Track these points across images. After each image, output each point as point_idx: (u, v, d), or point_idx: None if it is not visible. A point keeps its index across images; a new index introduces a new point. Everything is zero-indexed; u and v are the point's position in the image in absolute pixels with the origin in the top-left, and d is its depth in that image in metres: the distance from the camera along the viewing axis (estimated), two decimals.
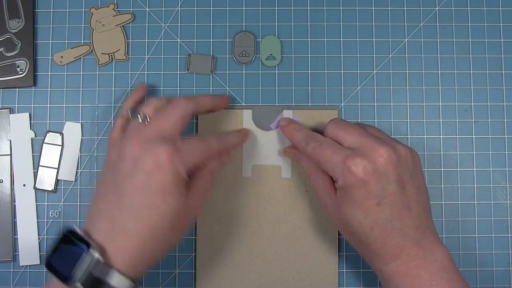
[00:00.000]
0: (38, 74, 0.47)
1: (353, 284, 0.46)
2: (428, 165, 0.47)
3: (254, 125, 0.46)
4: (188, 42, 0.48)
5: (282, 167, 0.46)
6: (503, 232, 0.46)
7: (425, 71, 0.47)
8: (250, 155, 0.46)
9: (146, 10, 0.48)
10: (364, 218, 0.37)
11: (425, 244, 0.37)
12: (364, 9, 0.48)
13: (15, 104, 0.47)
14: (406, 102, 0.47)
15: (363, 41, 0.48)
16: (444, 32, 0.48)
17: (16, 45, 0.47)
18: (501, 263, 0.46)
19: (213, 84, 0.47)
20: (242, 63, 0.47)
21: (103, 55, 0.47)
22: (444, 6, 0.48)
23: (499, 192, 0.47)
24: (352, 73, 0.47)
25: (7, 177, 0.47)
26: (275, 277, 0.46)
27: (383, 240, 0.37)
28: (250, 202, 0.46)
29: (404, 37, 0.48)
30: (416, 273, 0.37)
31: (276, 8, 0.48)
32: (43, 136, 0.47)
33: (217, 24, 0.48)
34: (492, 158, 0.47)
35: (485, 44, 0.48)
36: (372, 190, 0.36)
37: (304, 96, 0.47)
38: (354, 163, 0.37)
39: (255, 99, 0.47)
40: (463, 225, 0.46)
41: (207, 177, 0.41)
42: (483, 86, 0.47)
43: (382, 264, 0.38)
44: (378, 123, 0.47)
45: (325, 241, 0.46)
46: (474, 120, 0.47)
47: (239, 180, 0.46)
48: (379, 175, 0.37)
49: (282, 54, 0.47)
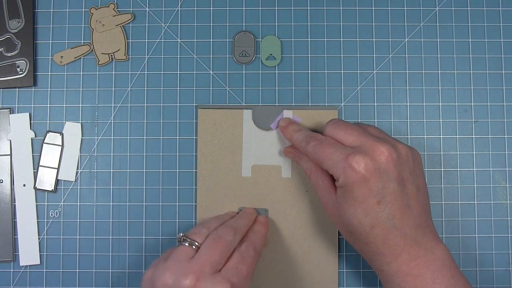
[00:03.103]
0: (38, 74, 0.47)
1: (353, 284, 0.46)
2: (428, 165, 0.47)
3: (254, 125, 0.46)
4: (188, 42, 0.48)
5: (282, 167, 0.46)
6: (503, 232, 0.46)
7: (425, 71, 0.47)
8: (250, 155, 0.46)
9: (146, 10, 0.48)
10: (364, 217, 0.37)
11: (425, 242, 0.37)
12: (364, 9, 0.48)
13: (15, 104, 0.47)
14: (406, 102, 0.47)
15: (363, 41, 0.48)
16: (444, 32, 0.48)
17: (16, 45, 0.47)
18: (501, 263, 0.46)
19: (213, 84, 0.47)
20: (242, 63, 0.47)
21: (103, 55, 0.47)
22: (444, 6, 0.48)
23: (499, 192, 0.47)
24: (352, 73, 0.47)
25: (7, 177, 0.47)
26: (275, 277, 0.46)
27: (384, 239, 0.37)
28: (250, 202, 0.46)
29: (404, 37, 0.48)
30: (418, 272, 0.37)
31: (276, 8, 0.48)
32: (43, 136, 0.47)
33: (217, 24, 0.48)
34: (492, 158, 0.47)
35: (485, 44, 0.48)
36: (373, 188, 0.36)
37: (304, 96, 0.47)
38: (356, 160, 0.37)
39: (255, 99, 0.47)
40: (463, 225, 0.46)
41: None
42: (483, 86, 0.47)
43: (383, 264, 0.38)
44: (378, 123, 0.47)
45: (325, 241, 0.46)
46: (474, 120, 0.47)
47: (239, 180, 0.46)
48: (380, 173, 0.37)
49: (282, 54, 0.47)
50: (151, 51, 0.48)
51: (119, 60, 0.47)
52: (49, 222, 0.47)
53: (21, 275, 0.46)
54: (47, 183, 0.47)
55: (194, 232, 0.39)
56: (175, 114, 0.47)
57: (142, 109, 0.47)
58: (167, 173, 0.47)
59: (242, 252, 0.39)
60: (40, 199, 0.47)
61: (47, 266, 0.46)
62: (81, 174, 0.47)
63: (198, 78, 0.47)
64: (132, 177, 0.47)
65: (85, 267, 0.46)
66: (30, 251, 0.46)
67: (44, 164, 0.47)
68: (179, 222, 0.46)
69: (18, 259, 0.46)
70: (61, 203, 0.47)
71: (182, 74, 0.47)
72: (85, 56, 0.48)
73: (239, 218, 0.43)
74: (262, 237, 0.43)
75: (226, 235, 0.39)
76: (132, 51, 0.48)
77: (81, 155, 0.47)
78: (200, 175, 0.46)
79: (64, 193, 0.47)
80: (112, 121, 0.47)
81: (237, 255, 0.39)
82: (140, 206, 0.47)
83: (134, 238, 0.47)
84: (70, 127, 0.47)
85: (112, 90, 0.47)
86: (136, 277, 0.46)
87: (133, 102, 0.47)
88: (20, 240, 0.46)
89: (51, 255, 0.46)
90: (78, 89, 0.47)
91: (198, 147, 0.46)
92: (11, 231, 0.46)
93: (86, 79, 0.47)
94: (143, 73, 0.47)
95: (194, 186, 0.47)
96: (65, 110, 0.47)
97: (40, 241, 0.46)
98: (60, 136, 0.47)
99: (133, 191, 0.47)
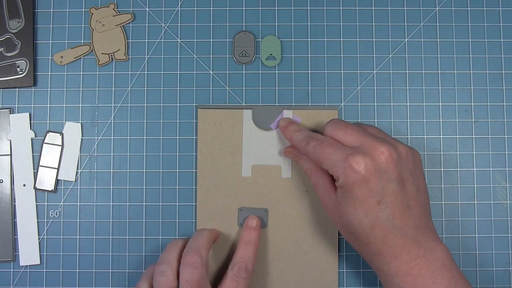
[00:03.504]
0: (38, 74, 0.47)
1: (353, 284, 0.46)
2: (428, 165, 0.47)
3: (254, 125, 0.46)
4: (188, 42, 0.48)
5: (282, 167, 0.46)
6: (503, 232, 0.46)
7: (425, 71, 0.47)
8: (250, 155, 0.46)
9: (146, 10, 0.48)
10: (364, 217, 0.37)
11: (425, 243, 0.37)
12: (364, 9, 0.48)
13: (15, 104, 0.47)
14: (406, 102, 0.47)
15: (363, 41, 0.48)
16: (444, 32, 0.48)
17: (16, 45, 0.47)
18: (501, 263, 0.46)
19: (213, 84, 0.47)
20: (242, 63, 0.47)
21: (103, 55, 0.47)
22: (444, 6, 0.48)
23: (499, 192, 0.47)
24: (352, 73, 0.47)
25: (7, 177, 0.47)
26: (275, 277, 0.46)
27: (384, 239, 0.37)
28: (250, 202, 0.46)
29: (404, 37, 0.48)
30: (418, 272, 0.37)
31: (276, 8, 0.48)
32: (43, 136, 0.47)
33: (217, 24, 0.48)
34: (492, 158, 0.47)
35: (485, 44, 0.48)
36: (373, 188, 0.36)
37: (304, 96, 0.47)
38: (356, 160, 0.37)
39: (255, 99, 0.47)
40: (463, 225, 0.46)
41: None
42: (483, 86, 0.47)
43: (383, 264, 0.38)
44: (378, 123, 0.47)
45: (325, 241, 0.46)
46: (474, 120, 0.47)
47: (239, 180, 0.46)
48: (380, 173, 0.37)
49: (282, 54, 0.47)
50: (151, 51, 0.48)
51: (119, 60, 0.47)
52: (49, 222, 0.47)
53: (21, 275, 0.46)
54: (47, 183, 0.47)
55: (162, 280, 0.40)
56: (175, 114, 0.47)
57: (142, 109, 0.47)
58: (167, 173, 0.47)
59: (234, 276, 0.41)
60: (40, 199, 0.47)
61: (47, 266, 0.46)
62: (81, 174, 0.47)
63: (198, 78, 0.47)
64: (132, 177, 0.47)
65: (85, 267, 0.46)
66: (30, 251, 0.46)
67: (44, 164, 0.47)
68: (179, 222, 0.46)
69: (18, 259, 0.46)
70: (61, 203, 0.47)
71: (182, 74, 0.47)
72: (85, 56, 0.48)
73: (197, 237, 0.43)
74: (253, 250, 0.43)
75: (194, 268, 0.40)
76: (132, 51, 0.48)
77: (81, 155, 0.47)
78: (200, 175, 0.46)
79: (64, 193, 0.47)
80: (112, 121, 0.47)
81: (230, 281, 0.41)
82: (140, 206, 0.47)
83: (134, 238, 0.47)
84: (70, 127, 0.47)
85: (112, 90, 0.47)
86: (136, 277, 0.46)
87: (133, 102, 0.47)
88: (20, 240, 0.46)
89: (51, 255, 0.46)
90: (78, 89, 0.47)
91: (198, 147, 0.46)
92: (11, 231, 0.46)
93: (86, 79, 0.47)
94: (143, 73, 0.47)
95: (194, 186, 0.47)
96: (65, 110, 0.47)
97: (40, 241, 0.46)
98: (60, 136, 0.47)
99: (133, 191, 0.47)
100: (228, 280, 0.41)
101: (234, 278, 0.41)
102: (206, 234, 0.43)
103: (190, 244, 0.42)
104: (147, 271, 0.43)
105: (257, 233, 0.44)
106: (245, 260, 0.42)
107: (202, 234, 0.43)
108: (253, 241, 0.44)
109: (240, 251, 0.43)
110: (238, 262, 0.42)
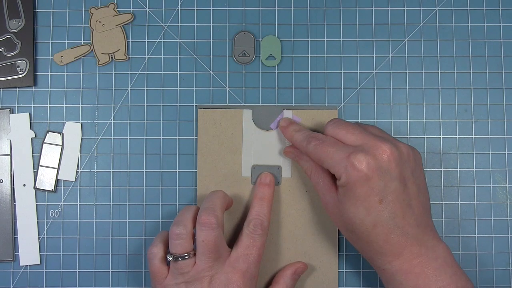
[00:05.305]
0: (38, 74, 0.47)
1: (353, 284, 0.46)
2: (428, 165, 0.47)
3: (254, 125, 0.46)
4: (188, 42, 0.48)
5: (282, 167, 0.46)
6: (503, 232, 0.46)
7: (425, 71, 0.47)
8: (250, 155, 0.46)
9: (146, 10, 0.48)
10: (366, 216, 0.37)
11: (426, 241, 0.38)
12: (364, 9, 0.48)
13: (15, 104, 0.47)
14: (406, 102, 0.47)
15: (363, 41, 0.48)
16: (444, 32, 0.48)
17: (16, 45, 0.47)
18: (501, 263, 0.46)
19: (213, 84, 0.47)
20: (242, 63, 0.47)
21: (103, 55, 0.47)
22: (444, 6, 0.48)
23: (499, 192, 0.47)
24: (352, 73, 0.47)
25: (7, 177, 0.47)
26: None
27: (385, 237, 0.37)
28: (250, 202, 0.46)
29: (404, 37, 0.48)
30: (420, 270, 0.37)
31: (276, 8, 0.48)
32: (43, 136, 0.47)
33: (217, 24, 0.48)
34: (492, 158, 0.47)
35: (485, 44, 0.48)
36: (375, 187, 0.37)
37: (304, 96, 0.47)
38: (358, 159, 0.37)
39: (255, 99, 0.47)
40: (463, 225, 0.46)
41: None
42: (483, 86, 0.47)
43: (385, 263, 0.38)
44: (378, 123, 0.47)
45: (325, 241, 0.46)
46: (474, 120, 0.47)
47: (239, 180, 0.46)
48: (382, 171, 0.37)
49: (282, 54, 0.47)
50: (151, 51, 0.48)
51: (119, 60, 0.47)
52: (49, 222, 0.47)
53: (21, 275, 0.46)
54: (47, 183, 0.47)
55: (178, 243, 0.40)
56: (175, 114, 0.47)
57: (142, 109, 0.47)
58: (167, 173, 0.47)
59: (250, 234, 0.41)
60: (40, 199, 0.47)
61: (47, 266, 0.46)
62: (81, 174, 0.47)
63: (198, 78, 0.47)
64: (132, 177, 0.47)
65: (85, 267, 0.46)
66: (30, 251, 0.46)
67: (44, 164, 0.47)
68: None
69: (18, 259, 0.46)
70: (61, 203, 0.47)
71: (182, 74, 0.47)
72: (85, 56, 0.48)
73: (211, 197, 0.42)
74: (268, 206, 0.43)
75: (210, 228, 0.39)
76: (132, 51, 0.48)
77: (81, 155, 0.47)
78: (200, 175, 0.46)
79: (64, 193, 0.47)
80: (112, 121, 0.47)
81: (246, 239, 0.41)
82: (140, 206, 0.47)
83: (134, 238, 0.46)
84: (70, 127, 0.47)
85: (112, 90, 0.47)
86: (136, 277, 0.46)
87: (133, 102, 0.47)
88: (20, 240, 0.46)
89: (51, 255, 0.46)
90: (78, 89, 0.47)
91: (198, 147, 0.46)
92: (11, 231, 0.46)
93: (86, 79, 0.47)
94: (143, 73, 0.47)
95: (194, 186, 0.47)
96: (65, 110, 0.47)
97: (40, 241, 0.46)
98: (60, 136, 0.47)
99: (133, 191, 0.47)
100: (245, 238, 0.41)
101: (250, 235, 0.41)
102: (221, 194, 0.43)
103: (204, 205, 0.41)
104: (160, 235, 0.42)
105: (271, 189, 0.44)
106: (260, 216, 0.42)
107: (217, 195, 0.42)
108: (267, 198, 0.43)
109: (255, 208, 0.43)
110: (254, 219, 0.42)
